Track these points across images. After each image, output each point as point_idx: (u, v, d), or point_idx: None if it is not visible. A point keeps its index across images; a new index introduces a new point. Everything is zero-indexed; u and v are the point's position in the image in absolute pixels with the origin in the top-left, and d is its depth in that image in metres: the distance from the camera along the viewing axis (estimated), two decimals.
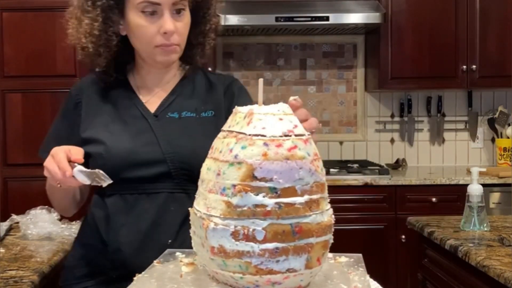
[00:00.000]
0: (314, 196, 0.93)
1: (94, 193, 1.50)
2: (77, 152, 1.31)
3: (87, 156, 1.40)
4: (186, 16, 1.43)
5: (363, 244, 3.46)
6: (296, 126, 0.94)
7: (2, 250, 1.84)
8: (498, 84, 3.83)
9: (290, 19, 3.60)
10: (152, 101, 1.49)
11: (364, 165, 3.73)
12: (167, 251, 1.21)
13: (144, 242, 1.37)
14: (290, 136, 0.92)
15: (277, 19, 3.59)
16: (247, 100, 1.51)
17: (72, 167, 1.28)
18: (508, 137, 3.92)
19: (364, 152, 4.16)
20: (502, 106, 3.99)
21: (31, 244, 1.94)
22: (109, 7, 1.40)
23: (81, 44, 1.45)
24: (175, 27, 1.40)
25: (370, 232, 3.48)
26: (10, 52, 3.22)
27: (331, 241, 0.98)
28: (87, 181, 1.27)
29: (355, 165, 3.70)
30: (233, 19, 3.56)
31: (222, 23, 3.54)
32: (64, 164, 1.26)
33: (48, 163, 1.29)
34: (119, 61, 1.49)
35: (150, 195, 1.40)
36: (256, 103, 0.98)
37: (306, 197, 0.92)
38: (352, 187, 3.49)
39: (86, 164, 1.39)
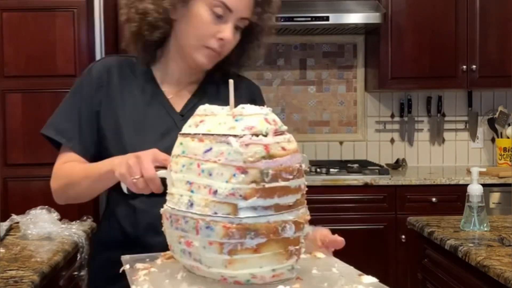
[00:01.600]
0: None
1: (112, 192, 1.44)
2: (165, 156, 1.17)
3: (104, 149, 1.39)
4: (239, 34, 1.43)
5: (363, 244, 3.46)
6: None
7: (2, 250, 1.84)
8: (498, 84, 3.83)
9: (290, 19, 3.60)
10: (176, 100, 1.46)
11: (364, 165, 3.73)
12: None
13: None
14: None
15: (277, 19, 3.57)
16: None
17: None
18: (508, 137, 3.92)
19: (364, 152, 4.16)
20: (502, 106, 3.99)
21: (31, 244, 1.93)
22: None
23: (132, 21, 1.40)
24: (233, 39, 1.39)
25: (370, 232, 3.48)
26: (10, 52, 3.22)
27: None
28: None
29: (355, 165, 3.70)
30: None
31: None
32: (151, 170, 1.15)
33: (135, 166, 1.16)
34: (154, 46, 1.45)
35: None
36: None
37: None
38: (352, 187, 3.49)
39: (100, 158, 1.37)
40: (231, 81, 1.02)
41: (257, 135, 0.92)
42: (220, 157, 0.91)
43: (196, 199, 0.93)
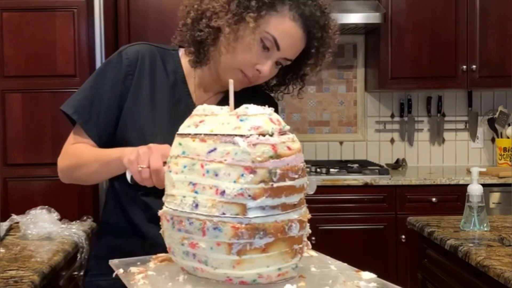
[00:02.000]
0: None
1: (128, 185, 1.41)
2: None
3: (121, 139, 1.38)
4: (277, 70, 1.41)
5: (363, 244, 3.46)
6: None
7: (2, 250, 1.84)
8: (498, 84, 3.84)
9: None
10: (200, 101, 1.44)
11: (364, 165, 3.73)
12: None
13: None
14: None
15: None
16: None
17: None
18: (508, 137, 3.92)
19: (364, 152, 4.16)
20: (502, 106, 3.99)
21: (31, 244, 1.93)
22: (247, 8, 1.31)
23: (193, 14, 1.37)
24: (269, 74, 1.38)
25: (370, 232, 3.48)
26: (10, 52, 3.22)
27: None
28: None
29: (355, 165, 3.70)
30: None
31: None
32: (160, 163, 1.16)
33: (144, 155, 1.18)
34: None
35: None
36: None
37: None
38: (352, 187, 3.50)
39: (108, 136, 1.37)
40: (231, 81, 1.02)
41: (263, 135, 0.92)
42: (226, 157, 0.91)
43: (202, 200, 0.92)
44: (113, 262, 1.12)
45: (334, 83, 4.15)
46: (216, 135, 0.94)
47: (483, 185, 2.20)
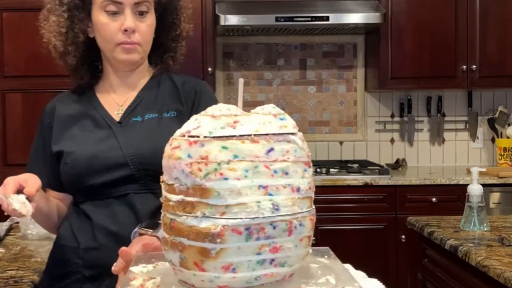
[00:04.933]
0: (189, 199, 0.90)
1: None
2: (32, 184, 1.30)
3: (57, 169, 1.49)
4: (149, 18, 1.49)
5: (363, 244, 3.46)
6: (198, 126, 0.92)
7: (2, 250, 1.84)
8: (498, 84, 3.84)
9: (290, 19, 3.60)
10: (115, 106, 1.53)
11: (364, 165, 3.74)
12: None
13: (117, 242, 1.33)
14: (184, 136, 0.92)
15: (277, 19, 3.59)
16: (210, 100, 1.54)
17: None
18: (508, 137, 3.92)
19: (364, 152, 4.16)
20: (502, 106, 3.99)
21: (31, 244, 1.94)
22: (75, 5, 1.49)
23: (52, 43, 1.56)
24: (136, 26, 1.46)
25: (370, 232, 3.49)
26: (10, 52, 3.22)
27: (214, 251, 0.89)
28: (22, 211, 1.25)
29: (355, 165, 3.70)
30: (233, 19, 3.56)
31: (222, 23, 3.55)
32: (4, 191, 1.26)
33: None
34: (92, 65, 1.57)
35: (119, 198, 1.43)
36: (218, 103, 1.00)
37: (180, 197, 0.91)
38: (352, 187, 3.50)
39: (58, 177, 1.49)
40: (241, 80, 1.01)
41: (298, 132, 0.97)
42: (288, 156, 0.92)
43: (280, 201, 0.90)
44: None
45: (334, 83, 4.15)
46: (267, 134, 0.92)
47: (483, 185, 2.20)
